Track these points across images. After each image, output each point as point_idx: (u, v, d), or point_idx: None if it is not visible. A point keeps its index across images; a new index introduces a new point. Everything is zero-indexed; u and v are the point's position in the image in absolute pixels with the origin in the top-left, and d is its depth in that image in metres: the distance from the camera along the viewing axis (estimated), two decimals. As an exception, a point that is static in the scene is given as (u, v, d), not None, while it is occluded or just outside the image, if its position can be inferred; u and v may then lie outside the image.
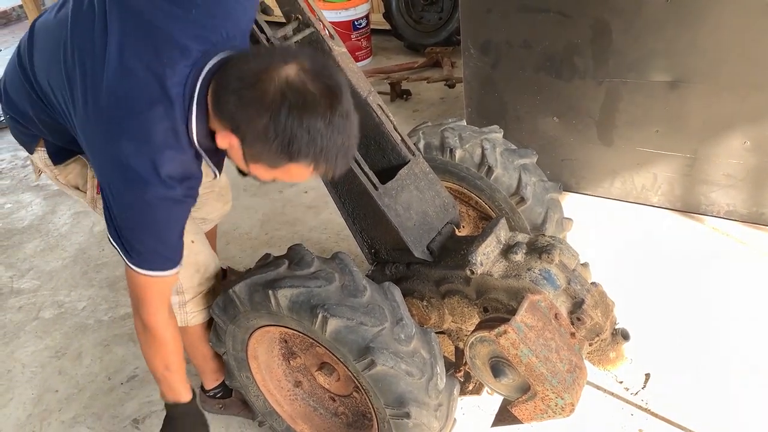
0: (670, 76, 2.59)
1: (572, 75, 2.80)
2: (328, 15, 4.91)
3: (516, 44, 2.87)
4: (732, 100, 2.52)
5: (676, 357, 2.19)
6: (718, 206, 2.83)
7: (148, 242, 1.44)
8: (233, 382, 1.95)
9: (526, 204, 2.04)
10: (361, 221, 1.99)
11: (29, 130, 1.67)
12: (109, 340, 2.65)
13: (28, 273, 3.15)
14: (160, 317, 1.58)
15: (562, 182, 2.99)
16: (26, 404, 2.39)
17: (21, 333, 2.75)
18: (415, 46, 5.16)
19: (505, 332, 1.42)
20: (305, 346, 1.83)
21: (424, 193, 1.92)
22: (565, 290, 1.65)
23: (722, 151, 2.66)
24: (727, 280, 2.52)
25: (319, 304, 1.49)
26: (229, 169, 1.58)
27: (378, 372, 1.47)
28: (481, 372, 1.58)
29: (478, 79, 3.10)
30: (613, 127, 2.85)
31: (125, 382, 2.43)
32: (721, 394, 2.06)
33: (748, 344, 2.23)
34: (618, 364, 1.74)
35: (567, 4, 2.64)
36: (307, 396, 1.96)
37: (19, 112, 1.63)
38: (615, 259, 2.67)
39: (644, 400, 2.03)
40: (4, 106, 1.66)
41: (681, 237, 2.80)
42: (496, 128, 2.19)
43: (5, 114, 1.68)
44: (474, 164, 2.07)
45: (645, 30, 2.53)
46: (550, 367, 1.44)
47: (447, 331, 1.93)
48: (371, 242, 2.02)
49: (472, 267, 1.64)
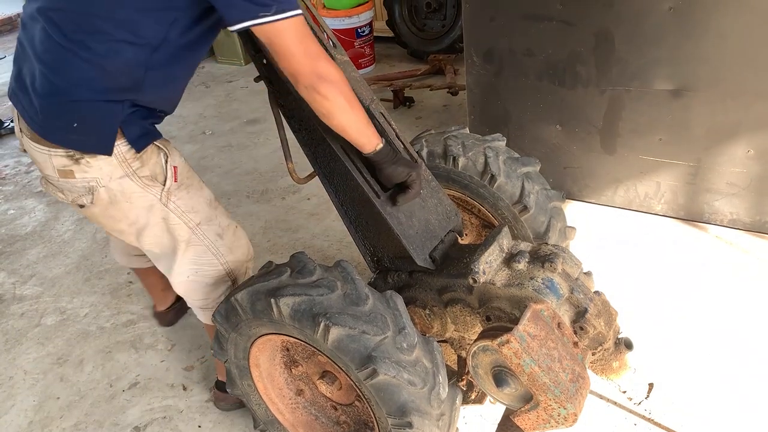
0: (674, 85, 2.58)
1: (575, 83, 2.80)
2: (332, 23, 4.93)
3: (519, 52, 2.87)
4: (735, 108, 2.52)
5: (680, 366, 2.18)
6: (722, 215, 2.83)
7: None
8: (235, 390, 1.94)
9: (529, 212, 2.03)
10: (364, 229, 1.98)
11: (101, 123, 1.55)
12: (111, 347, 2.65)
13: (31, 279, 3.15)
14: (324, 56, 1.49)
15: (565, 190, 2.99)
16: (27, 411, 2.39)
17: (23, 339, 2.75)
18: (418, 53, 5.18)
19: (508, 341, 1.41)
20: (307, 354, 1.83)
21: (427, 201, 1.92)
22: (567, 299, 1.64)
23: (726, 160, 2.66)
24: (730, 289, 2.51)
25: (321, 312, 1.48)
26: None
27: (380, 381, 1.46)
28: (484, 381, 1.57)
29: (481, 87, 3.11)
30: (616, 136, 2.85)
31: (127, 390, 2.43)
32: (725, 404, 2.05)
33: (753, 353, 2.22)
34: (621, 373, 1.73)
35: (570, 12, 2.64)
36: (309, 405, 1.96)
37: (76, 112, 1.52)
38: (618, 268, 2.66)
39: (648, 409, 2.02)
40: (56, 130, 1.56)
41: (684, 246, 2.80)
42: (499, 136, 2.19)
43: (62, 137, 1.58)
44: (477, 172, 2.06)
45: (648, 38, 2.53)
46: (553, 377, 1.43)
47: (449, 339, 1.93)
48: (373, 250, 2.02)
49: (474, 276, 1.63)
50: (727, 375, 2.15)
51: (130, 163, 1.64)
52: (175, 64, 1.58)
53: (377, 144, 1.66)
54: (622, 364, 1.71)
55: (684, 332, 2.33)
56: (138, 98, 1.57)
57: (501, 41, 2.89)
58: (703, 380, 2.13)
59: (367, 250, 2.03)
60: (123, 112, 1.56)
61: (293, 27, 1.43)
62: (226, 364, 1.88)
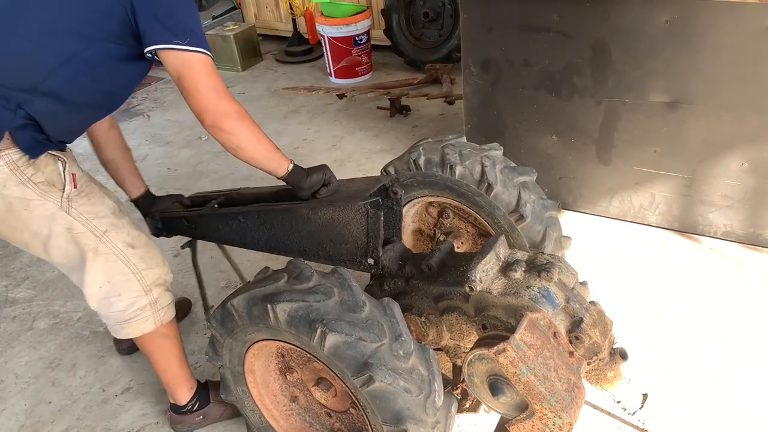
0: (669, 97, 2.61)
1: (572, 94, 2.82)
2: (330, 30, 4.96)
3: (516, 62, 2.89)
4: (730, 121, 2.54)
5: (674, 377, 2.19)
6: (716, 227, 2.84)
7: (198, 22, 1.61)
8: (229, 396, 1.94)
9: (525, 222, 2.04)
10: (318, 245, 1.99)
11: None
12: (104, 351, 2.63)
13: (24, 282, 3.13)
14: (228, 95, 1.64)
15: (560, 200, 3.01)
16: (19, 415, 2.37)
17: (15, 343, 2.74)
18: (415, 62, 5.21)
19: (504, 350, 1.41)
20: (303, 360, 1.82)
21: (350, 186, 1.96)
22: (563, 309, 1.65)
23: (720, 172, 2.68)
24: (724, 301, 2.52)
25: (317, 319, 1.48)
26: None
27: (376, 388, 1.46)
28: (479, 390, 1.57)
29: (477, 97, 3.12)
30: (611, 147, 2.87)
31: (120, 394, 2.41)
32: (719, 415, 2.05)
33: (747, 365, 2.23)
34: (616, 383, 1.73)
35: (567, 23, 2.67)
36: (304, 411, 1.95)
37: None
38: (612, 278, 2.67)
39: (641, 420, 2.02)
40: None
41: (678, 257, 2.81)
42: (496, 145, 2.20)
43: None
44: (474, 181, 2.07)
45: (644, 50, 2.56)
46: (549, 386, 1.43)
47: (445, 347, 1.93)
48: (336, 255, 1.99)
49: (471, 284, 1.64)
50: (721, 386, 2.16)
51: (23, 171, 1.63)
52: (75, 82, 1.62)
53: (288, 165, 1.80)
54: (616, 374, 1.71)
55: (678, 343, 2.34)
56: (31, 108, 1.58)
57: (498, 51, 2.91)
58: (697, 391, 2.14)
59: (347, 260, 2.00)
60: (14, 121, 1.57)
61: (202, 63, 1.58)
62: (220, 369, 1.87)
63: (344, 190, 1.94)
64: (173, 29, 1.54)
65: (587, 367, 1.68)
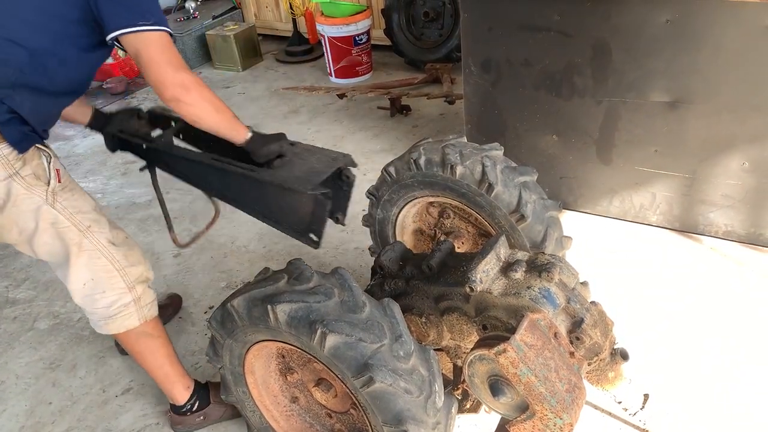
0: (670, 97, 2.60)
1: (572, 94, 2.82)
2: (330, 30, 4.95)
3: (516, 62, 2.89)
4: (731, 121, 2.53)
5: (675, 377, 2.19)
6: (717, 227, 2.84)
7: (156, 1, 1.65)
8: (229, 397, 1.93)
9: (526, 222, 2.04)
10: (266, 207, 1.98)
11: None
12: (105, 352, 2.63)
13: (24, 283, 3.13)
14: (185, 68, 1.66)
15: (561, 200, 3.00)
16: (19, 416, 2.37)
17: (15, 343, 2.74)
18: (415, 62, 5.20)
19: (505, 351, 1.41)
20: (303, 361, 1.82)
21: (307, 159, 1.94)
22: (564, 309, 1.64)
23: (721, 172, 2.68)
24: (725, 301, 2.51)
25: (318, 319, 1.48)
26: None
27: (376, 389, 1.46)
28: (480, 390, 1.57)
29: (478, 96, 3.12)
30: (612, 146, 2.86)
31: (120, 395, 2.41)
32: (720, 415, 2.05)
33: (748, 365, 2.23)
34: (617, 384, 1.73)
35: (568, 23, 2.66)
36: (304, 412, 1.95)
37: None
38: (614, 278, 2.66)
39: (642, 420, 2.01)
40: None
41: (679, 257, 2.81)
42: (497, 145, 2.19)
43: None
44: (474, 181, 2.07)
45: (645, 50, 2.55)
46: (549, 387, 1.43)
47: (445, 348, 1.93)
48: (283, 222, 1.98)
49: (471, 284, 1.63)
50: (722, 386, 2.15)
51: (12, 164, 1.66)
52: (46, 73, 1.66)
53: (246, 133, 1.83)
54: (617, 374, 1.71)
55: (679, 343, 2.33)
56: (12, 102, 1.62)
57: (498, 51, 2.91)
58: (698, 391, 2.14)
59: (290, 229, 1.99)
60: (0, 116, 1.61)
61: (161, 39, 1.61)
62: (221, 370, 1.87)
63: (299, 164, 1.92)
64: (135, 11, 1.58)
65: (588, 367, 1.68)
